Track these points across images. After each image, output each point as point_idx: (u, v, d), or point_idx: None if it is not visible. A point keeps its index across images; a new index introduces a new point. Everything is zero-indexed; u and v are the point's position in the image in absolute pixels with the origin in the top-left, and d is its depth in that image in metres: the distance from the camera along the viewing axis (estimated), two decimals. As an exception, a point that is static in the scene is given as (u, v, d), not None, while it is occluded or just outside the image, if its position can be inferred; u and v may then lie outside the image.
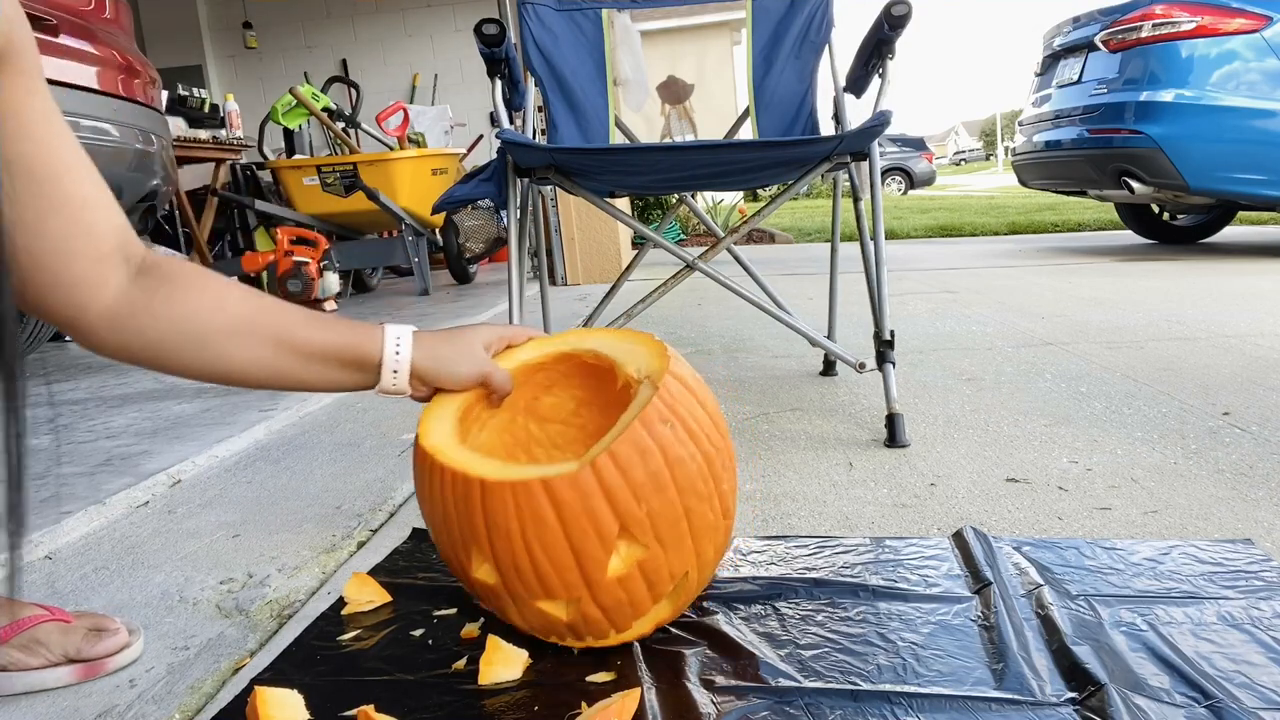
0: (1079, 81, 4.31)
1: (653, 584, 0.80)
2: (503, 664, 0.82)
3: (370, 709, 0.75)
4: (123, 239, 0.73)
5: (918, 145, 20.04)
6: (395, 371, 0.84)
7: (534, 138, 2.04)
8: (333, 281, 3.80)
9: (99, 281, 0.71)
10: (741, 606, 0.94)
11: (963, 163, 56.36)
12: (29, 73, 0.66)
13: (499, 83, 1.72)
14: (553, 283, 4.66)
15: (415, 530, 1.23)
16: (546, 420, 1.00)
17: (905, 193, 18.15)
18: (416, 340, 0.85)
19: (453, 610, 0.97)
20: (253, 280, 3.88)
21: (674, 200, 2.30)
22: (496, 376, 0.90)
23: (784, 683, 0.78)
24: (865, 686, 0.77)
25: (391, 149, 4.39)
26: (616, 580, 0.78)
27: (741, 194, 7.66)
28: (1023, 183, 4.99)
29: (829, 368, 2.11)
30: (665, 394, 0.81)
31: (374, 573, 1.07)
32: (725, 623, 0.89)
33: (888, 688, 0.77)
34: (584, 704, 0.77)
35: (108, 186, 0.73)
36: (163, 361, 0.75)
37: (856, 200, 1.72)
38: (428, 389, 0.89)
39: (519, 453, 0.99)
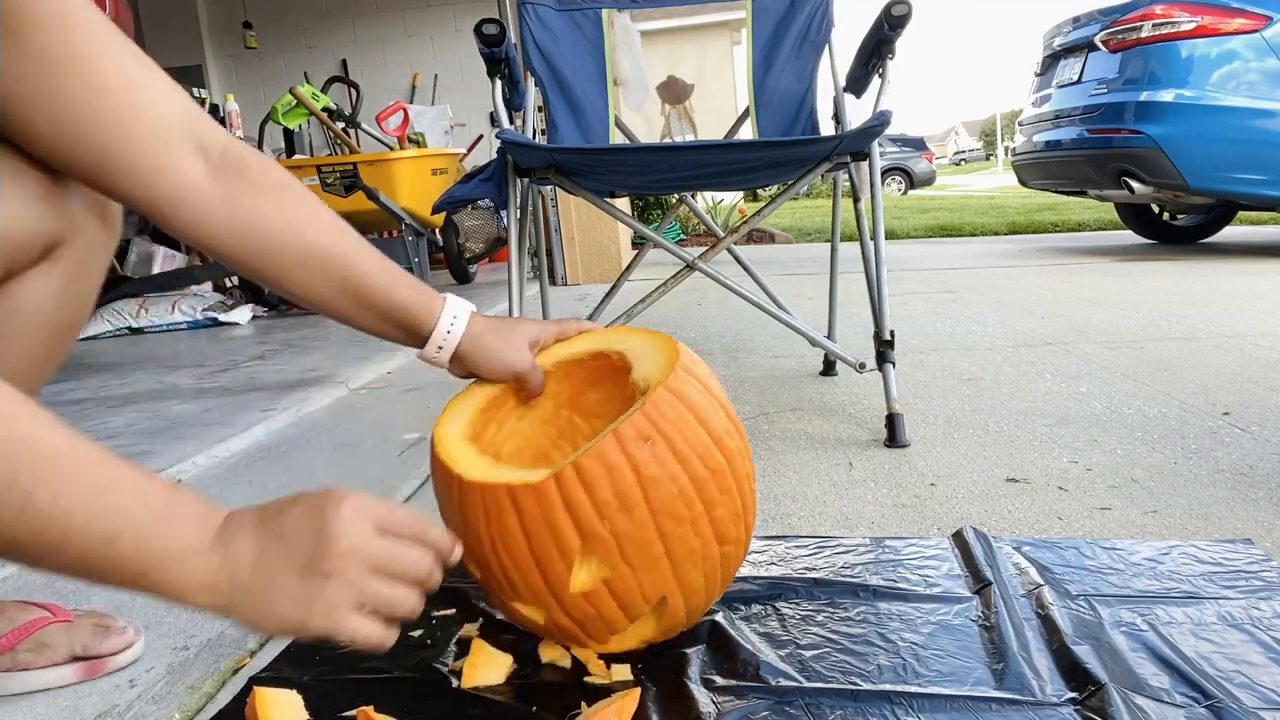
0: (1079, 81, 4.31)
1: (625, 604, 0.78)
2: (486, 667, 0.82)
3: (370, 709, 0.75)
4: (190, 123, 0.71)
5: (918, 145, 20.05)
6: (440, 347, 0.85)
7: (534, 138, 2.04)
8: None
9: (164, 166, 0.69)
10: (742, 606, 0.94)
11: (963, 163, 56.34)
12: None
13: (499, 83, 1.71)
14: (553, 283, 4.66)
15: (415, 530, 1.23)
16: (591, 415, 0.98)
17: (905, 193, 18.14)
18: (470, 322, 0.85)
19: (451, 610, 0.97)
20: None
21: (674, 200, 2.30)
22: (533, 377, 0.90)
23: (784, 683, 0.78)
24: (866, 686, 0.77)
25: (391, 149, 4.39)
26: (582, 595, 0.76)
27: (741, 194, 7.66)
28: (1023, 183, 4.99)
29: (829, 368, 2.10)
30: (652, 409, 0.77)
31: (374, 573, 1.07)
32: (725, 623, 0.89)
33: (888, 688, 0.77)
34: (583, 704, 0.77)
35: (164, 74, 0.71)
36: (233, 264, 0.76)
37: (856, 200, 1.72)
38: (466, 370, 0.90)
39: (563, 444, 0.98)
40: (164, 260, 4.10)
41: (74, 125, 0.66)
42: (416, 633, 0.92)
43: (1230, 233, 5.29)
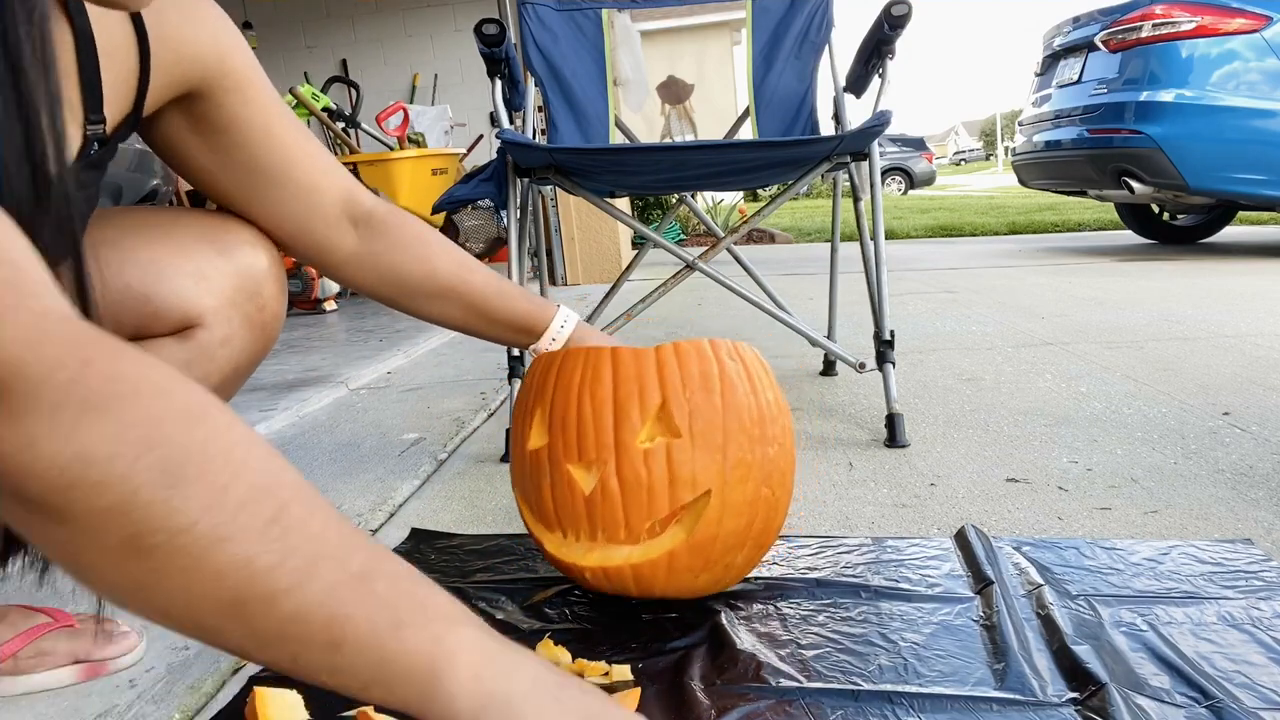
0: (1079, 81, 4.31)
1: (675, 477, 0.84)
2: None
3: (369, 709, 0.75)
4: (347, 202, 0.90)
5: (918, 145, 20.04)
6: (554, 339, 1.02)
7: (534, 138, 2.04)
8: (333, 282, 3.80)
9: (335, 241, 0.90)
10: (743, 606, 0.94)
11: (963, 163, 56.26)
12: (243, 88, 0.79)
13: (499, 83, 1.71)
14: (553, 283, 4.66)
15: (414, 530, 1.23)
16: None
17: (905, 193, 18.14)
18: (578, 324, 1.03)
19: (453, 610, 0.97)
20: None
21: (674, 200, 2.30)
22: None
23: (785, 683, 0.78)
24: (866, 686, 0.77)
25: (391, 149, 4.39)
26: (642, 454, 0.84)
27: (741, 194, 7.66)
28: (1023, 183, 4.99)
29: (829, 368, 2.10)
30: (743, 348, 0.92)
31: (374, 573, 1.07)
32: (726, 623, 0.89)
33: (889, 688, 0.77)
34: (584, 704, 0.77)
35: (328, 160, 0.89)
36: (382, 300, 0.96)
37: (856, 200, 1.72)
38: None
39: None
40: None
41: (265, 216, 0.86)
42: (417, 633, 0.92)
43: (1230, 233, 5.29)
